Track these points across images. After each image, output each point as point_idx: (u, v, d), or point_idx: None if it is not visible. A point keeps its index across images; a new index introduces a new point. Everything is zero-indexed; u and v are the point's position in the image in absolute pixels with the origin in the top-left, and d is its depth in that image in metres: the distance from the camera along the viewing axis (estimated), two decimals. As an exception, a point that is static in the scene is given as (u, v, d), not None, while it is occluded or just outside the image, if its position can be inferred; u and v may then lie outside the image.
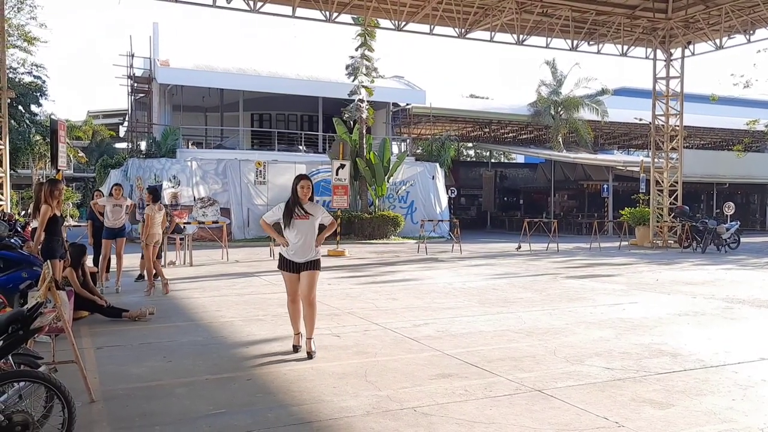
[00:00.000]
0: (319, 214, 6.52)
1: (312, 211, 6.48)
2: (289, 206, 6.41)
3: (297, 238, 6.39)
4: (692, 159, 29.93)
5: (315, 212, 6.50)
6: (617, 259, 17.88)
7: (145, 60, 28.87)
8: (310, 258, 6.46)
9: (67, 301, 5.70)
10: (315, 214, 6.48)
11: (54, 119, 11.18)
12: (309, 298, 6.41)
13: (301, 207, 6.38)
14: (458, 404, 5.02)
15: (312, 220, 6.44)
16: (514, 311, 9.18)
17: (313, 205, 6.55)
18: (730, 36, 21.91)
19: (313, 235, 6.48)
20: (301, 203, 6.39)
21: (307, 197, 6.45)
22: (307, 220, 6.41)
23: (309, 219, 6.41)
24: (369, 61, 25.27)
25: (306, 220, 6.40)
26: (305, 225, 6.40)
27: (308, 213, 6.42)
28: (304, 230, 6.40)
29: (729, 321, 8.64)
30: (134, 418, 4.68)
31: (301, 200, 6.40)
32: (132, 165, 25.30)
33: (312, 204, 6.54)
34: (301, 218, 6.37)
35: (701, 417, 4.79)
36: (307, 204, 6.47)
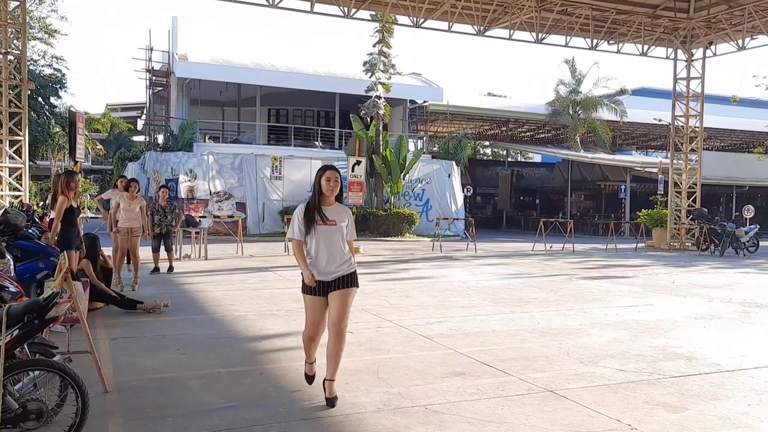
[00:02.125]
0: (346, 219, 4.99)
1: (337, 216, 4.94)
2: (310, 208, 4.92)
3: (321, 248, 4.88)
4: (712, 161, 29.57)
5: (341, 217, 4.96)
6: (633, 261, 17.73)
7: (164, 54, 29.06)
8: (342, 272, 4.91)
9: (82, 292, 5.75)
10: (341, 219, 4.95)
11: (73, 111, 11.27)
12: (339, 328, 4.86)
13: (321, 211, 4.89)
14: (470, 403, 5.00)
15: (340, 227, 4.92)
16: (527, 311, 9.13)
17: (340, 208, 5.02)
18: (753, 37, 21.61)
19: (340, 246, 4.92)
20: (321, 206, 4.91)
21: (335, 194, 4.95)
22: (333, 226, 4.89)
23: (335, 225, 4.90)
24: (386, 58, 25.25)
25: (331, 227, 4.89)
26: (328, 233, 4.89)
27: (330, 220, 4.90)
28: (328, 240, 4.88)
29: (746, 325, 8.53)
30: (147, 409, 4.71)
31: (327, 197, 4.92)
32: (149, 158, 25.50)
33: (339, 206, 5.03)
34: (322, 224, 4.88)
35: (716, 421, 4.73)
36: (334, 206, 4.97)
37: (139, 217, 10.70)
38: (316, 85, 28.97)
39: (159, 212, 12.35)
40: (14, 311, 3.67)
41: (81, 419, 3.75)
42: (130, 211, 10.56)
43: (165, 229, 12.43)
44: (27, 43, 17.60)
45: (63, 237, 7.76)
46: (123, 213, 10.50)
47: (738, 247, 20.32)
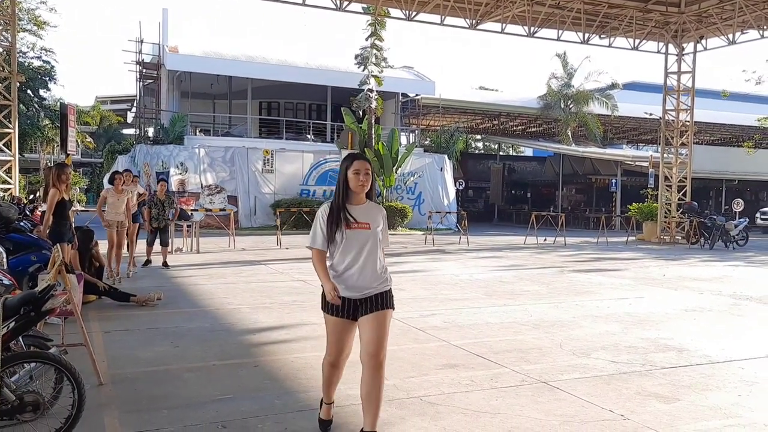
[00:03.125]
0: (380, 222, 4.01)
1: (370, 217, 3.97)
2: (334, 209, 3.95)
3: (350, 259, 3.92)
4: (702, 155, 29.76)
5: (375, 219, 3.99)
6: (624, 254, 17.84)
7: (154, 46, 28.88)
8: (377, 289, 3.96)
9: (76, 285, 5.73)
10: (375, 222, 3.98)
11: (64, 103, 11.20)
12: (377, 360, 3.90)
13: (348, 212, 3.92)
14: (464, 394, 5.04)
15: (374, 231, 3.96)
16: (520, 303, 9.18)
17: (372, 207, 4.04)
18: (744, 31, 21.72)
19: (375, 255, 3.97)
20: (348, 205, 3.94)
21: (365, 189, 3.96)
22: (367, 230, 3.93)
23: (369, 229, 3.94)
24: (379, 51, 25.20)
25: (364, 231, 3.93)
26: (360, 239, 3.92)
27: (363, 222, 3.93)
28: (359, 248, 3.92)
29: (736, 317, 8.62)
30: (142, 402, 4.72)
31: (356, 195, 3.95)
32: (140, 151, 25.36)
33: (372, 205, 4.05)
34: (353, 228, 3.91)
35: (707, 412, 4.79)
36: (365, 205, 4.00)
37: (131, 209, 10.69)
38: (307, 78, 28.88)
39: (157, 205, 12.25)
40: (10, 303, 3.66)
41: (77, 411, 3.75)
42: (119, 204, 10.51)
43: (163, 223, 12.34)
44: (16, 34, 17.43)
45: (55, 230, 7.74)
46: (110, 207, 10.45)
47: (727, 241, 20.48)
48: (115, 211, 10.48)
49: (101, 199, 10.77)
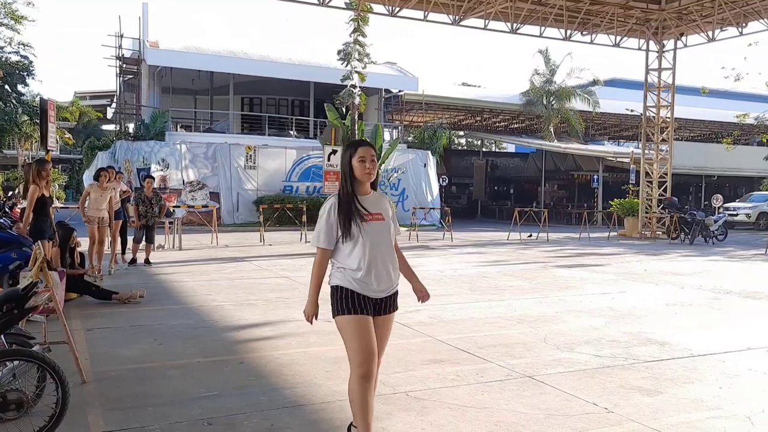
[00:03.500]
0: (390, 211, 3.74)
1: (381, 207, 3.70)
2: (343, 201, 3.60)
3: (369, 253, 3.57)
4: (682, 151, 30.09)
5: (386, 209, 3.72)
6: (606, 249, 17.99)
7: (134, 41, 28.59)
8: (396, 287, 3.77)
9: (59, 282, 5.67)
10: (387, 211, 3.72)
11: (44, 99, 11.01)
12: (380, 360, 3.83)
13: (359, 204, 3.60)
14: (450, 389, 5.05)
15: (388, 222, 3.69)
16: (505, 299, 9.23)
17: (380, 197, 3.74)
18: (723, 28, 21.97)
19: (392, 249, 3.73)
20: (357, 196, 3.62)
21: (371, 178, 3.65)
22: (382, 222, 3.65)
23: (383, 220, 3.66)
24: (362, 47, 25.13)
25: (379, 223, 3.64)
26: (377, 232, 3.62)
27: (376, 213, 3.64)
28: (377, 241, 3.60)
29: (716, 311, 8.73)
30: (126, 399, 4.68)
31: (362, 185, 3.64)
32: (120, 147, 25.09)
33: (378, 194, 3.76)
34: (370, 220, 3.59)
35: (689, 404, 4.84)
36: (371, 195, 3.69)
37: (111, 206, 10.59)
38: (290, 73, 28.75)
39: (145, 202, 12.11)
40: (-8, 301, 3.61)
41: (61, 409, 3.71)
42: (101, 201, 10.41)
43: (152, 220, 12.21)
44: (-7, 28, 17.16)
45: (35, 227, 7.63)
46: (92, 202, 10.35)
47: (707, 236, 20.73)
48: (97, 207, 10.39)
49: (84, 194, 10.67)
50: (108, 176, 10.71)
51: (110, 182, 10.93)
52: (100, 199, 10.42)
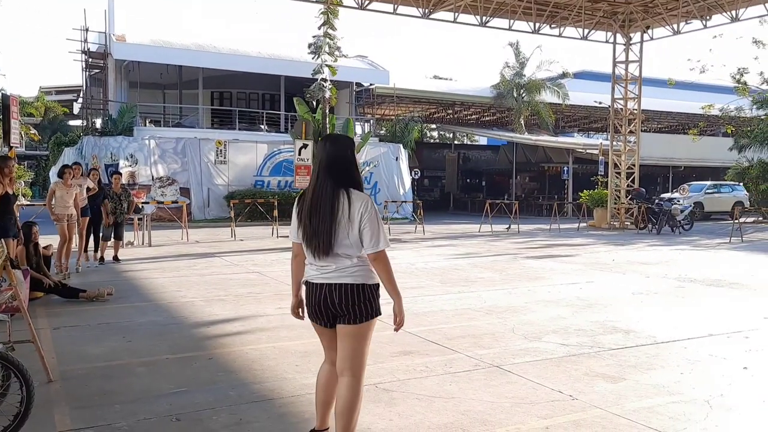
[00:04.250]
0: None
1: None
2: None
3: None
4: (649, 142, 30.55)
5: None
6: (575, 240, 18.24)
7: (100, 35, 28.06)
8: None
9: (22, 280, 5.59)
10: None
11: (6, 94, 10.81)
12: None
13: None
14: (419, 380, 5.11)
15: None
16: (474, 290, 9.32)
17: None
18: (688, 21, 22.34)
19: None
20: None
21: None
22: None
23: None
24: (332, 40, 24.93)
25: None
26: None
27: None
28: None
29: (680, 299, 8.93)
30: (93, 397, 4.65)
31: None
32: (87, 143, 24.68)
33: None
34: None
35: (650, 390, 4.97)
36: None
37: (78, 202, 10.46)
38: (260, 67, 28.53)
39: (114, 199, 11.95)
40: (-49, 300, 3.56)
41: (26, 408, 3.68)
42: (67, 198, 10.26)
43: (120, 217, 12.06)
44: (-47, 22, 16.75)
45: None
46: (58, 200, 10.20)
47: (674, 225, 21.12)
48: (64, 204, 10.24)
49: (50, 192, 10.52)
50: (72, 173, 10.56)
51: (75, 179, 10.78)
52: (66, 196, 10.27)
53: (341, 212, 3.37)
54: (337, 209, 3.37)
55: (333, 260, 3.41)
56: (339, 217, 3.37)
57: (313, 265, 3.49)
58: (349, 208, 3.38)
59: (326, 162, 3.46)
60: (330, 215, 3.37)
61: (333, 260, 3.41)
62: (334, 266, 3.42)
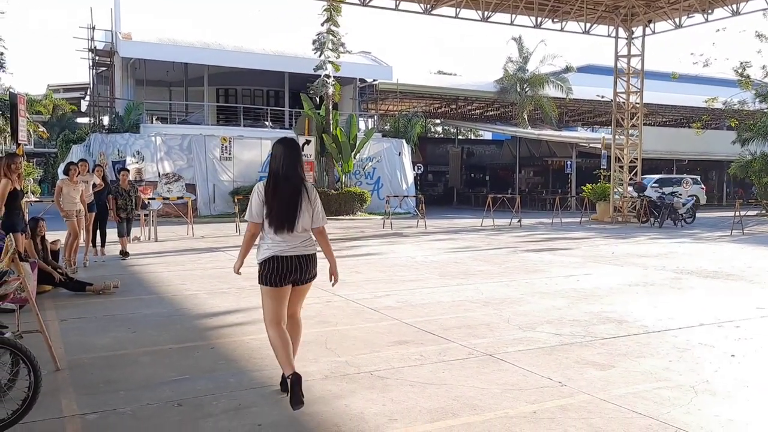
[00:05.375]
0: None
1: None
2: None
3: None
4: (652, 136, 30.59)
5: None
6: (577, 234, 18.35)
7: (107, 33, 28.30)
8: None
9: (30, 273, 5.78)
10: None
11: (13, 93, 11.01)
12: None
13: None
14: (413, 368, 5.28)
15: None
16: (472, 283, 9.47)
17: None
18: (690, 15, 22.37)
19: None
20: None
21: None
22: None
23: None
24: (335, 36, 25.16)
25: None
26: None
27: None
28: None
29: (676, 290, 9.06)
30: (99, 385, 4.83)
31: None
32: (94, 140, 24.96)
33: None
34: None
35: (639, 376, 5.12)
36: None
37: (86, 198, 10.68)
38: (264, 64, 28.69)
39: (122, 195, 12.15)
40: (-37, 291, 3.74)
41: (34, 393, 3.86)
42: (74, 194, 10.47)
43: (131, 213, 12.27)
44: (-39, 22, 16.97)
45: (8, 220, 7.69)
46: (65, 197, 10.41)
47: (676, 219, 21.20)
48: (71, 201, 10.46)
49: (57, 189, 10.72)
50: (78, 170, 10.76)
51: (81, 176, 10.98)
52: (73, 193, 10.48)
53: (305, 201, 4.41)
54: (303, 199, 4.41)
55: (297, 236, 4.40)
56: (303, 204, 4.40)
57: (281, 243, 4.37)
58: (308, 196, 4.44)
59: (287, 161, 4.43)
60: (297, 202, 4.38)
61: (297, 236, 4.40)
62: (299, 241, 4.42)
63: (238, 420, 4.18)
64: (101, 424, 4.11)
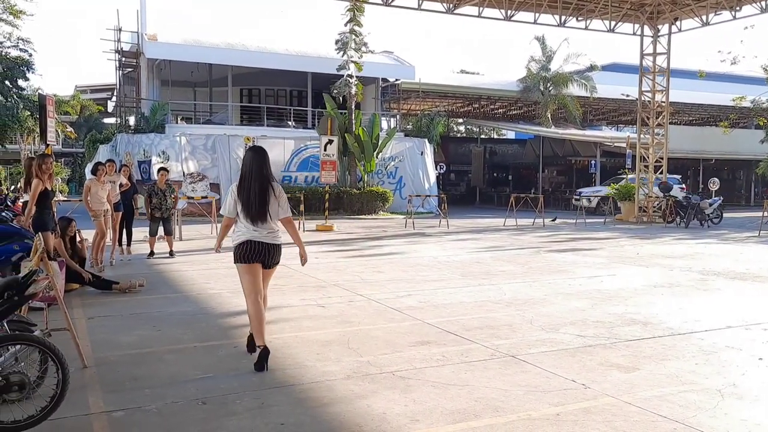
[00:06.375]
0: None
1: None
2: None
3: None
4: (678, 135, 30.15)
5: None
6: (601, 234, 18.18)
7: (133, 34, 28.68)
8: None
9: (59, 271, 5.89)
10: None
11: (42, 94, 11.20)
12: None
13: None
14: (435, 369, 5.27)
15: None
16: (495, 283, 9.43)
17: None
18: (717, 12, 22.02)
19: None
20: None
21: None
22: None
23: None
24: (358, 36, 25.22)
25: None
26: None
27: None
28: None
29: (702, 292, 8.93)
30: (125, 382, 4.91)
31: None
32: (121, 140, 25.28)
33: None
34: None
35: (664, 379, 5.06)
36: None
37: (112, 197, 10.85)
38: (287, 64, 28.85)
39: (158, 195, 12.20)
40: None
41: (62, 390, 3.93)
42: (102, 194, 10.63)
43: (166, 213, 12.30)
44: (-8, 24, 17.29)
45: (38, 219, 7.85)
46: (93, 196, 10.57)
47: (703, 219, 20.90)
48: (99, 200, 10.63)
49: (85, 189, 10.88)
50: (105, 170, 10.91)
51: (108, 176, 11.15)
52: (101, 192, 10.65)
53: (272, 196, 5.36)
54: (270, 194, 5.35)
55: (267, 226, 5.35)
56: (271, 198, 5.34)
57: (253, 231, 5.33)
58: (275, 193, 5.39)
59: (257, 165, 5.40)
60: (267, 198, 5.33)
61: (267, 226, 5.35)
62: (266, 231, 5.36)
63: (261, 418, 4.21)
64: (127, 422, 4.18)
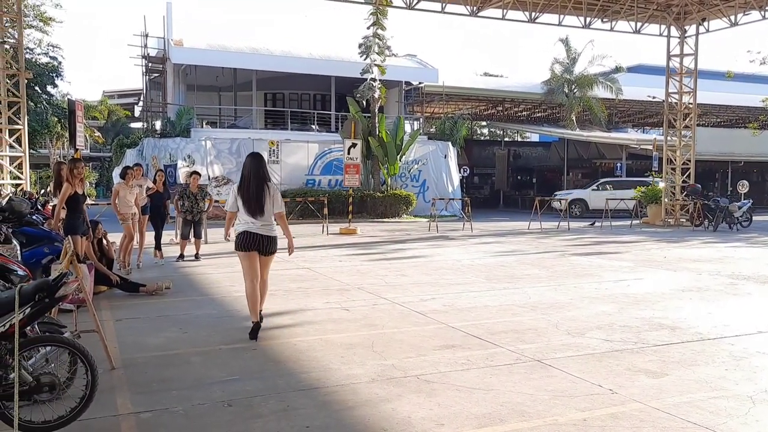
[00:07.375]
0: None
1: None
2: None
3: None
4: (706, 137, 29.70)
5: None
6: (627, 237, 17.96)
7: (159, 40, 29.05)
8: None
9: (88, 274, 5.97)
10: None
11: (71, 100, 11.42)
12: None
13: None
14: (460, 373, 5.25)
15: None
16: (519, 287, 9.37)
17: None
18: (746, 12, 21.65)
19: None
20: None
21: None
22: None
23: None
24: (381, 40, 25.25)
25: None
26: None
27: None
28: None
29: (731, 296, 8.78)
30: (152, 384, 4.96)
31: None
32: (147, 144, 25.62)
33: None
34: None
35: (693, 385, 4.98)
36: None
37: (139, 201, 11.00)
38: (311, 68, 29.01)
39: (190, 198, 12.31)
40: (25, 291, 3.88)
41: (91, 391, 3.98)
42: (129, 198, 10.78)
43: (198, 216, 12.39)
44: (23, 31, 17.62)
45: (69, 223, 7.98)
46: (121, 200, 10.72)
47: (731, 222, 20.54)
48: (127, 204, 10.78)
49: (114, 193, 11.04)
50: (133, 174, 11.07)
51: (135, 179, 11.30)
52: (129, 196, 10.81)
53: (268, 194, 6.37)
54: (266, 193, 6.37)
55: (264, 219, 6.33)
56: (266, 196, 6.35)
57: (251, 223, 6.31)
58: (270, 192, 6.41)
59: (255, 168, 6.45)
60: (262, 195, 6.33)
61: (264, 219, 6.33)
62: (262, 223, 6.33)
63: (286, 421, 4.23)
64: (154, 423, 4.22)
